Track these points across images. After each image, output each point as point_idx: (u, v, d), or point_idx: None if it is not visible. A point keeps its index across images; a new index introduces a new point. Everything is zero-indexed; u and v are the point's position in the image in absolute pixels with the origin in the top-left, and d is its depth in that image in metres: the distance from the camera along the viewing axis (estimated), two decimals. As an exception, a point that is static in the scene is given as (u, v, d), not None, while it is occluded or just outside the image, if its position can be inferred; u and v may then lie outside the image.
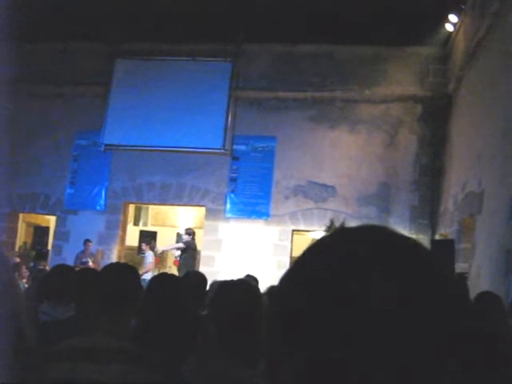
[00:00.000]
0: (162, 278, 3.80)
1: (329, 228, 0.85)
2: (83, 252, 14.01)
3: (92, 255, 14.01)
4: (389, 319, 0.72)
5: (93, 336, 2.62)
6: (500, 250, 8.55)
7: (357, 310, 0.72)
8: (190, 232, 14.24)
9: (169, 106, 15.25)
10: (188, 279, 4.90)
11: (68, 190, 15.64)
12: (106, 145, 15.50)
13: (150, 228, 17.72)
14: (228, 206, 15.06)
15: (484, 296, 4.89)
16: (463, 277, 9.80)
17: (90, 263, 13.17)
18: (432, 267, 0.78)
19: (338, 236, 0.83)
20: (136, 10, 13.88)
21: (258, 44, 15.25)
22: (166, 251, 15.58)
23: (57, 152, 15.59)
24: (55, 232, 15.79)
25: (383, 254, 0.76)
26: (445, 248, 10.19)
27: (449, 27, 13.71)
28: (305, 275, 0.79)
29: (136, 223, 18.06)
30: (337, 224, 0.86)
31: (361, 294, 0.73)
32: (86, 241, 14.19)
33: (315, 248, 0.82)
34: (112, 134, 15.41)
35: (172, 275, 4.04)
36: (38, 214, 16.40)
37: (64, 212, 15.61)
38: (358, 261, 0.75)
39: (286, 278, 0.82)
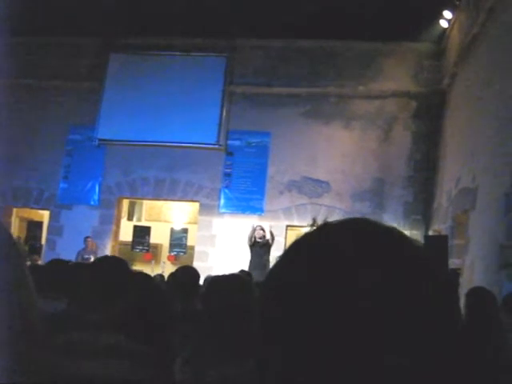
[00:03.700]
0: (138, 276, 3.80)
1: (312, 226, 0.84)
2: (84, 249, 13.98)
3: (94, 252, 13.96)
4: (374, 314, 0.71)
5: (86, 330, 2.62)
6: (493, 246, 8.58)
7: (341, 306, 0.72)
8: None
9: (163, 101, 15.22)
10: (180, 274, 4.90)
11: (62, 185, 15.61)
12: (100, 139, 15.48)
13: (143, 223, 17.68)
14: (222, 201, 15.06)
15: (476, 291, 4.90)
16: (456, 272, 9.84)
17: (92, 259, 13.13)
18: (418, 259, 0.78)
19: (320, 232, 0.82)
20: (130, 4, 13.85)
21: (252, 39, 15.24)
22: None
23: (50, 147, 15.55)
24: (49, 227, 15.76)
25: (366, 248, 0.76)
26: (438, 244, 10.23)
27: (443, 23, 13.72)
28: (288, 274, 0.79)
29: (130, 218, 18.03)
30: (320, 221, 0.85)
31: (344, 291, 0.72)
32: (86, 238, 14.16)
33: (298, 246, 0.82)
34: (106, 129, 15.39)
35: (141, 272, 4.02)
36: (31, 208, 16.36)
37: (58, 207, 15.58)
38: (341, 257, 0.75)
39: (271, 277, 0.82)
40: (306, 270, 0.76)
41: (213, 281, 2.94)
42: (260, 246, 12.78)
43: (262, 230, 12.99)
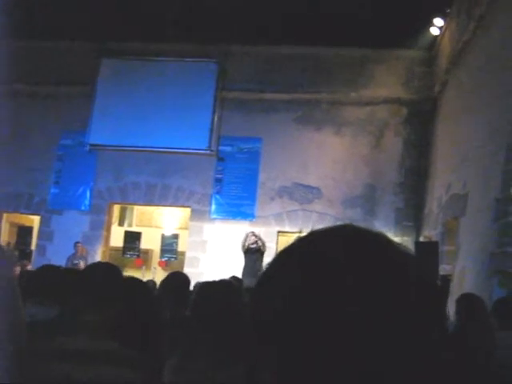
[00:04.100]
0: (131, 282, 3.79)
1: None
2: (74, 254, 13.94)
3: (84, 258, 13.92)
4: (362, 318, 0.72)
5: (78, 337, 2.61)
6: (483, 252, 8.60)
7: (330, 311, 0.73)
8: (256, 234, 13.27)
9: (155, 107, 15.21)
10: (171, 280, 4.89)
11: (52, 190, 15.56)
12: (91, 145, 15.44)
13: (134, 228, 17.63)
14: (213, 206, 15.04)
15: (466, 297, 4.91)
16: (447, 279, 9.85)
17: (82, 265, 13.08)
18: (404, 264, 0.78)
19: (310, 239, 0.83)
20: (123, 9, 13.85)
21: (244, 45, 15.24)
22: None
23: (41, 151, 15.50)
24: (39, 232, 15.69)
25: (354, 254, 0.77)
26: (429, 250, 10.24)
27: (434, 31, 13.78)
28: (279, 279, 0.80)
29: (121, 224, 17.97)
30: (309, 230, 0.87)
31: (333, 296, 0.73)
32: (76, 243, 14.13)
33: (288, 252, 0.83)
34: (97, 134, 15.36)
35: (133, 278, 4.02)
36: (22, 213, 16.29)
37: (48, 212, 15.52)
38: (331, 263, 0.76)
39: (261, 282, 0.83)
40: (296, 275, 0.77)
41: (202, 286, 2.94)
42: (252, 253, 12.77)
43: (255, 235, 12.98)
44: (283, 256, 0.83)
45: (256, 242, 12.85)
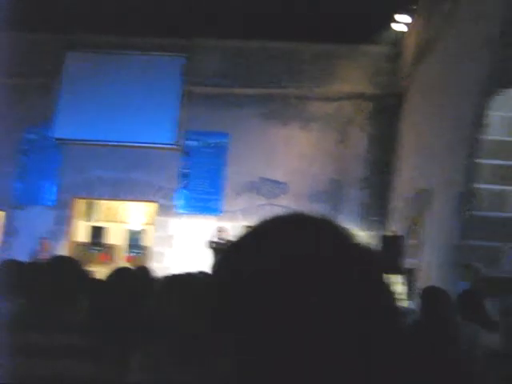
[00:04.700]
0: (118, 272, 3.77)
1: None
2: (39, 250, 13.77)
3: (49, 254, 13.74)
4: (319, 311, 0.71)
5: (44, 331, 2.59)
6: (448, 246, 8.71)
7: (286, 304, 0.72)
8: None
9: (120, 101, 15.09)
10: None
11: (17, 185, 15.36)
12: (56, 139, 15.27)
13: (100, 224, 17.50)
14: (180, 201, 14.99)
15: (430, 290, 4.96)
16: (412, 272, 9.97)
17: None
18: (358, 252, 0.78)
19: (260, 230, 0.82)
20: (88, 1, 13.72)
21: (211, 39, 15.20)
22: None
23: (5, 146, 15.27)
24: (3, 228, 15.48)
25: (306, 243, 0.76)
26: (394, 244, 10.36)
27: (400, 26, 13.88)
28: (233, 269, 0.79)
29: (86, 219, 17.82)
30: None
31: (290, 288, 0.73)
32: (42, 239, 13.96)
33: (242, 242, 0.82)
34: (62, 128, 15.18)
35: (127, 268, 4.01)
36: (-15, 209, 16.06)
37: (12, 207, 15.32)
38: (284, 253, 0.75)
39: (213, 275, 0.82)
40: (254, 264, 0.76)
41: (167, 280, 2.93)
42: (220, 249, 12.74)
43: (222, 230, 12.97)
44: (238, 245, 0.82)
45: (224, 238, 12.86)
